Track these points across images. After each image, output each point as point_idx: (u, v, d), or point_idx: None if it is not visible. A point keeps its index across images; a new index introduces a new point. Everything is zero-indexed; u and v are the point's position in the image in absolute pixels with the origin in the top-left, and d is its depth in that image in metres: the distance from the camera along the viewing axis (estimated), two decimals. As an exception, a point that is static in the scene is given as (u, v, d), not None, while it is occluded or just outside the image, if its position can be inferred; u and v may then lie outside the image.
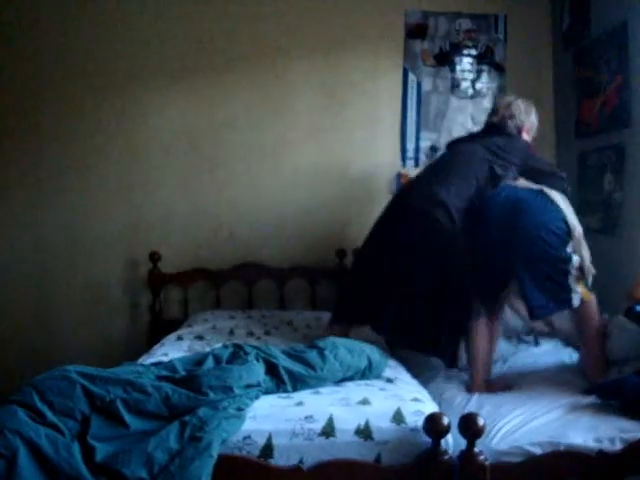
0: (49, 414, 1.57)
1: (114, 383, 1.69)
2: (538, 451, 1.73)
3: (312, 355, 2.03)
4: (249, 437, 1.63)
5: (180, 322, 3.16)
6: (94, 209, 3.44)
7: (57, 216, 3.42)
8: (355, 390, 1.96)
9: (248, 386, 1.80)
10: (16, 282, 3.40)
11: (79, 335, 3.41)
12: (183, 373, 1.84)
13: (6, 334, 3.36)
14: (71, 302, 3.42)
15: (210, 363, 1.92)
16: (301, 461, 1.61)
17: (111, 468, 1.47)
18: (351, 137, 3.55)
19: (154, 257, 3.34)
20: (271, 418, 1.70)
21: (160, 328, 3.19)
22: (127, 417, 1.61)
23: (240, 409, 1.70)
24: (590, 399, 2.05)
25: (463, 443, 1.58)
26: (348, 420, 1.69)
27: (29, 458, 1.46)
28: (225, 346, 2.08)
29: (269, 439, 1.63)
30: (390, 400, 1.84)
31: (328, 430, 1.65)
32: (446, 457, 1.59)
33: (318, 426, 1.66)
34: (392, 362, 2.37)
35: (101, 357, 3.18)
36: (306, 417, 1.70)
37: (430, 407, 1.82)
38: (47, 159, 3.42)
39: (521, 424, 1.89)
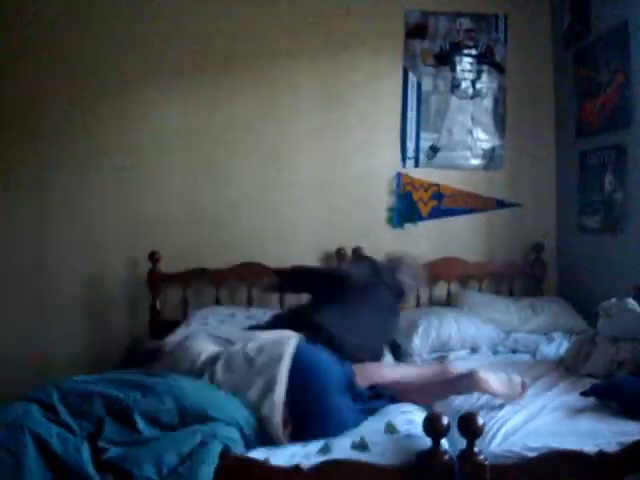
0: (64, 414, 1.59)
1: (133, 387, 1.70)
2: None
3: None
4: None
5: (180, 322, 3.16)
6: (94, 209, 3.44)
7: (57, 216, 3.42)
8: None
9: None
10: (16, 282, 3.40)
11: (78, 335, 3.41)
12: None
13: (5, 335, 3.35)
14: (71, 302, 3.42)
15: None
16: (301, 462, 1.63)
17: (119, 467, 1.48)
18: (351, 137, 3.55)
19: (154, 257, 3.34)
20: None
21: (160, 328, 3.18)
22: (141, 424, 1.61)
23: None
24: (588, 400, 2.04)
25: (462, 443, 1.58)
26: (343, 439, 1.80)
27: (37, 454, 1.47)
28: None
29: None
30: (378, 418, 1.96)
31: (325, 449, 1.74)
32: (446, 457, 1.58)
33: (315, 448, 1.75)
34: None
35: (101, 357, 3.19)
36: (302, 446, 1.79)
37: (420, 415, 1.87)
38: (47, 159, 3.42)
39: (518, 426, 1.88)
